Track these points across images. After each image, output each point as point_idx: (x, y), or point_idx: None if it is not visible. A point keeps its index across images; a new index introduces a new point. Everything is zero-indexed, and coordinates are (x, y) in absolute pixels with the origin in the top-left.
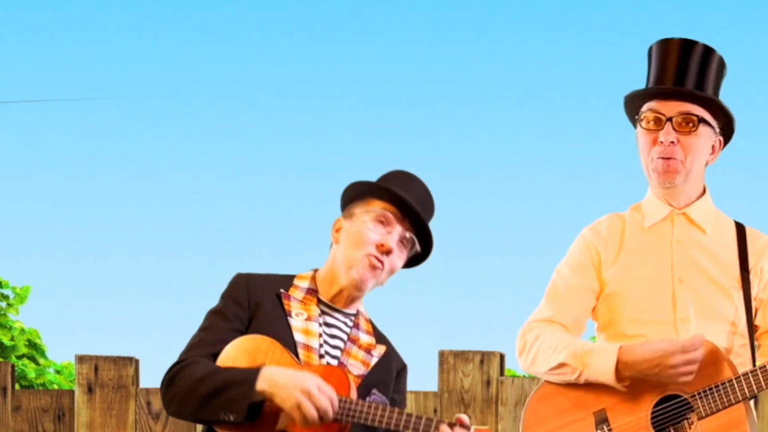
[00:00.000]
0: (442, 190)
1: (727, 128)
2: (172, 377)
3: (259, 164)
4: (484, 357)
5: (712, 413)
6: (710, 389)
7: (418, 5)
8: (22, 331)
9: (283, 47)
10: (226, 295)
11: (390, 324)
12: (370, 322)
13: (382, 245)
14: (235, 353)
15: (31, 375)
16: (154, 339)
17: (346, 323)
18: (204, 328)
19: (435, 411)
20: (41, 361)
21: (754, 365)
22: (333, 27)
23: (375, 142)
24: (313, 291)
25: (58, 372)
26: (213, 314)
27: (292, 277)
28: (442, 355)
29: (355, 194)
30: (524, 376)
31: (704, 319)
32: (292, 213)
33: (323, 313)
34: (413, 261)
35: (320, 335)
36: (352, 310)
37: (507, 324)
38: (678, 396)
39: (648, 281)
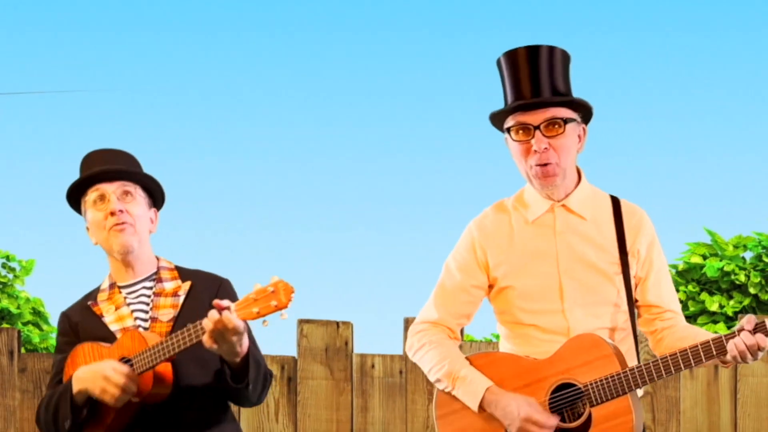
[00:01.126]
0: (404, 174)
1: (587, 115)
2: (36, 419)
3: (241, 149)
4: None
5: (603, 402)
6: (601, 381)
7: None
8: (27, 300)
9: (267, 41)
10: (57, 335)
11: (360, 294)
12: (175, 268)
13: (109, 214)
14: (68, 370)
15: (36, 340)
16: None
17: (149, 286)
18: (52, 369)
19: (401, 372)
20: (44, 327)
21: (635, 338)
22: (316, 22)
23: (361, 131)
24: (112, 284)
25: None
26: (54, 355)
27: (99, 286)
28: (407, 322)
29: (74, 200)
30: (481, 340)
31: (589, 305)
32: (276, 197)
33: (128, 295)
34: (159, 200)
35: (131, 313)
36: (149, 273)
37: None
38: (573, 385)
39: (536, 275)
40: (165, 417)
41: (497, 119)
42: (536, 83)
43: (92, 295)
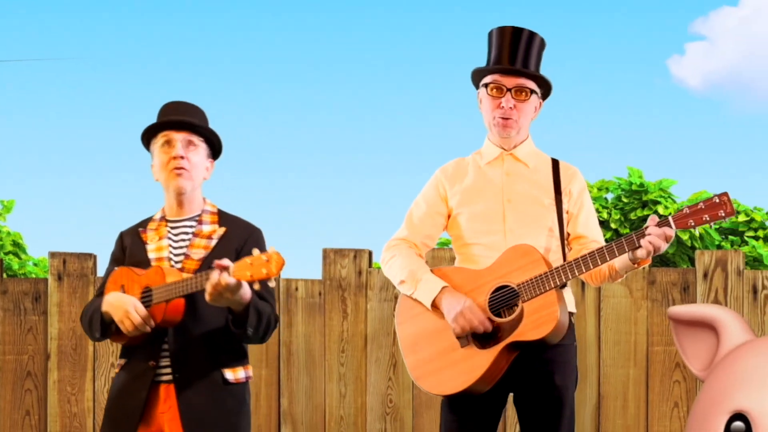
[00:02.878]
0: (328, 126)
1: (546, 93)
2: (82, 314)
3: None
4: (357, 253)
5: (533, 297)
6: (531, 281)
7: None
8: (8, 233)
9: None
10: (112, 251)
11: (285, 228)
12: (217, 213)
13: (172, 158)
14: (108, 285)
15: (15, 267)
16: (108, 241)
17: (191, 225)
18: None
19: (320, 294)
20: (23, 256)
21: (565, 260)
22: None
23: (293, 90)
24: (162, 218)
25: (35, 265)
26: (108, 265)
27: (153, 215)
28: (325, 252)
29: (146, 140)
30: None
31: (527, 228)
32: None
33: (172, 228)
34: (218, 152)
35: (168, 246)
36: (195, 213)
37: (374, 229)
38: (508, 286)
39: (484, 203)
40: (173, 336)
41: (478, 75)
42: (513, 56)
43: (144, 222)
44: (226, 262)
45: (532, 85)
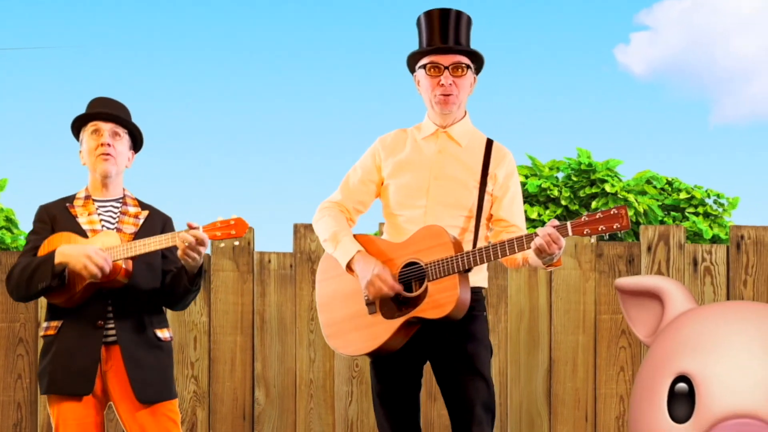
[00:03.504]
0: (299, 111)
1: (479, 68)
2: (8, 276)
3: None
4: None
5: (438, 278)
6: (438, 262)
7: None
8: (1, 210)
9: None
10: (34, 221)
11: (259, 205)
12: (135, 198)
13: (100, 144)
14: (46, 247)
15: (8, 241)
16: None
17: (116, 206)
18: (26, 244)
19: (291, 266)
20: (15, 231)
21: (476, 239)
22: None
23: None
24: (88, 197)
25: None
26: (29, 235)
27: (75, 194)
28: (296, 227)
29: (76, 129)
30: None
31: (448, 207)
32: (197, 131)
33: (99, 207)
34: (139, 144)
35: (100, 221)
36: (118, 196)
37: None
38: (417, 263)
39: (412, 176)
40: (116, 299)
41: (414, 59)
42: (445, 35)
43: (69, 199)
44: (195, 223)
45: (467, 60)
